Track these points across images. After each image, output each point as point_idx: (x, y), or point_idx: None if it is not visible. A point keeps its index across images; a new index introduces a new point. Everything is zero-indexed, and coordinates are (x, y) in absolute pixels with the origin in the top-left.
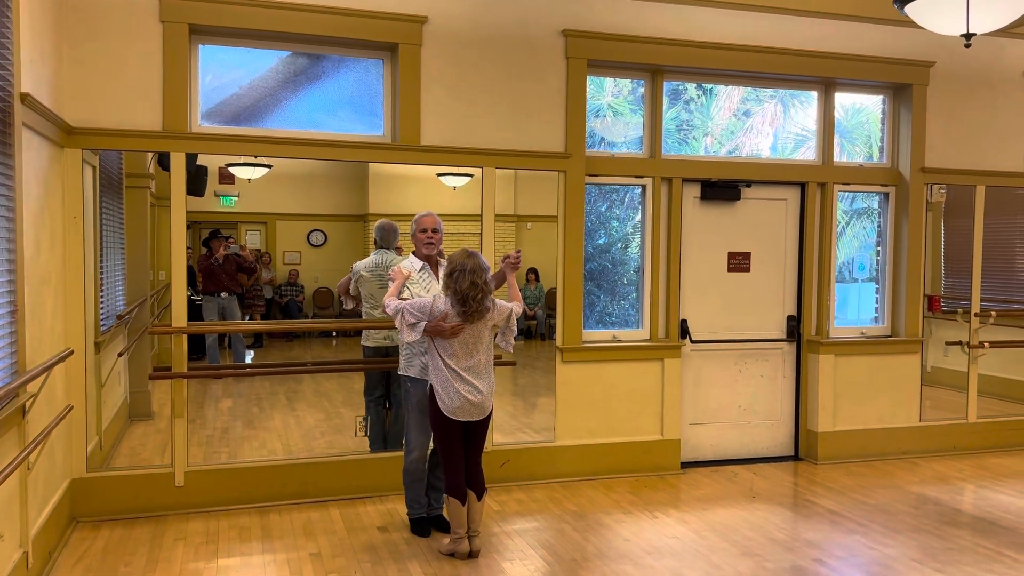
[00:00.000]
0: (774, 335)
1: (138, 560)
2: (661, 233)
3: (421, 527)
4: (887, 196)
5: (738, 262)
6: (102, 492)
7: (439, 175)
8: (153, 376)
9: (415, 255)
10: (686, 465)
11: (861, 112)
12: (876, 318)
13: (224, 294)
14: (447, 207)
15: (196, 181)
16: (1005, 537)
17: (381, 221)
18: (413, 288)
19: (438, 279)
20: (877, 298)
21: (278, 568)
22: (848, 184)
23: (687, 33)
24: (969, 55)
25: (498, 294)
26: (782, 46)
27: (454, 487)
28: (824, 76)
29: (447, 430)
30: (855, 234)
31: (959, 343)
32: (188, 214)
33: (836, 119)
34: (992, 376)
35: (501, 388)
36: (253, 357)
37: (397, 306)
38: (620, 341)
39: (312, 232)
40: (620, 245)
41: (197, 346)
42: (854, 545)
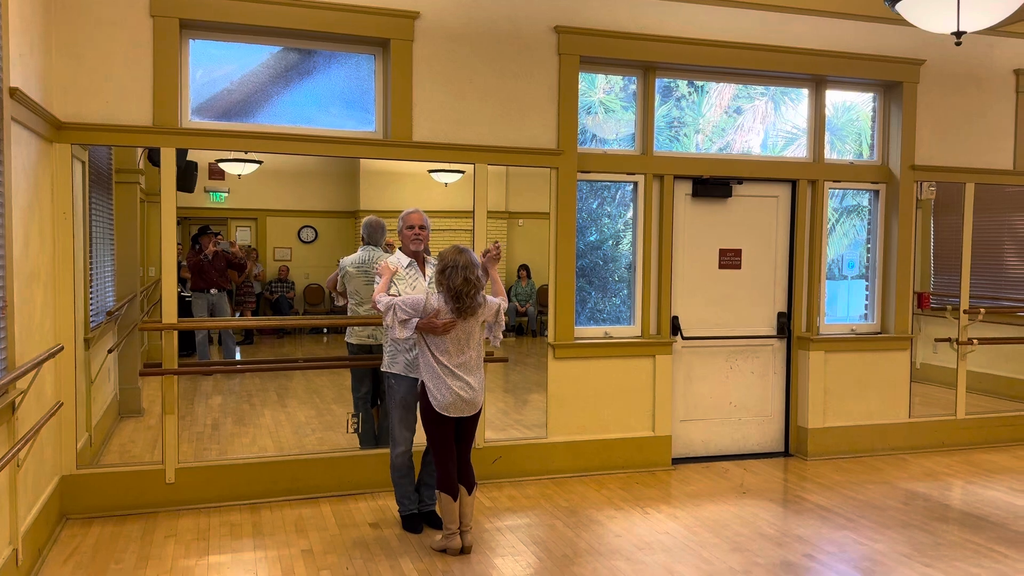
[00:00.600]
0: (765, 332)
1: (129, 557)
2: (653, 230)
3: (412, 523)
4: (877, 193)
5: (729, 259)
6: (92, 489)
7: (431, 171)
8: (143, 372)
9: (402, 251)
10: (677, 461)
11: (852, 109)
12: (866, 315)
13: (214, 290)
14: (439, 204)
15: (186, 177)
16: (993, 532)
17: (368, 218)
18: (400, 285)
19: (424, 276)
20: (867, 295)
21: (269, 565)
22: (839, 181)
23: (679, 30)
24: (959, 53)
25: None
26: (773, 43)
27: (446, 483)
28: (815, 73)
29: (439, 426)
30: (845, 231)
31: (948, 340)
32: (178, 210)
33: (827, 116)
34: (981, 373)
35: (492, 384)
36: (240, 354)
37: (389, 302)
38: (612, 338)
39: (303, 228)
40: (612, 242)
41: (187, 342)
42: (844, 540)
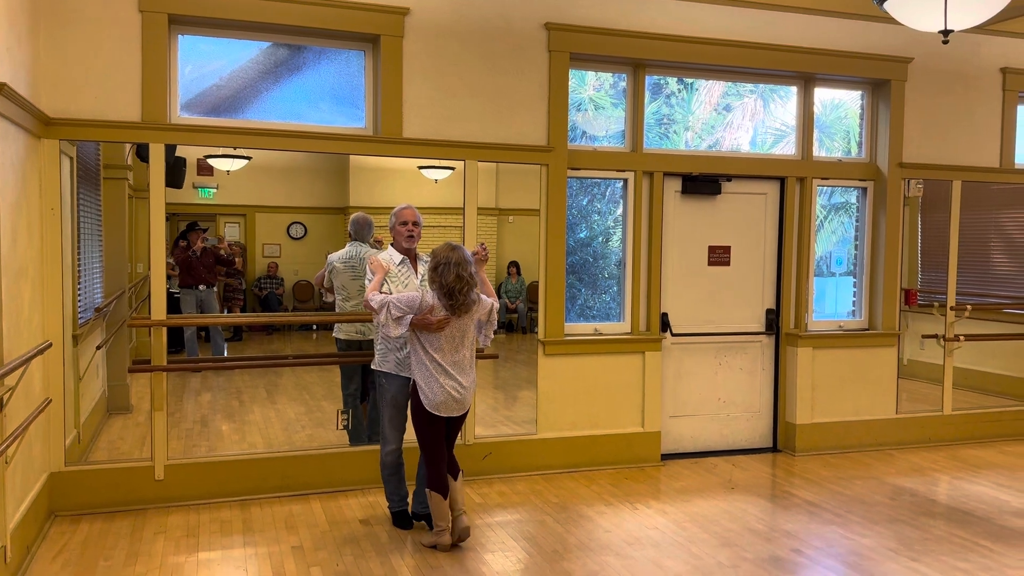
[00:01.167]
0: (753, 328)
1: (118, 554)
2: (642, 227)
3: (403, 520)
4: (865, 191)
5: (718, 256)
6: (81, 486)
7: (421, 168)
8: (132, 369)
9: (394, 248)
10: (666, 457)
11: (840, 107)
12: (853, 311)
13: (202, 287)
14: (429, 200)
15: (175, 173)
16: (979, 527)
17: (356, 214)
18: (392, 284)
19: (416, 274)
20: (855, 292)
21: (260, 561)
22: (827, 179)
23: (669, 27)
24: (946, 52)
25: None
26: (762, 41)
27: (436, 481)
28: (804, 71)
29: (430, 425)
30: (833, 228)
31: (935, 336)
32: (166, 206)
33: (815, 114)
34: (967, 369)
35: (482, 381)
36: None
37: (383, 300)
38: (601, 334)
39: (292, 224)
40: (601, 239)
41: (176, 339)
42: (831, 535)
